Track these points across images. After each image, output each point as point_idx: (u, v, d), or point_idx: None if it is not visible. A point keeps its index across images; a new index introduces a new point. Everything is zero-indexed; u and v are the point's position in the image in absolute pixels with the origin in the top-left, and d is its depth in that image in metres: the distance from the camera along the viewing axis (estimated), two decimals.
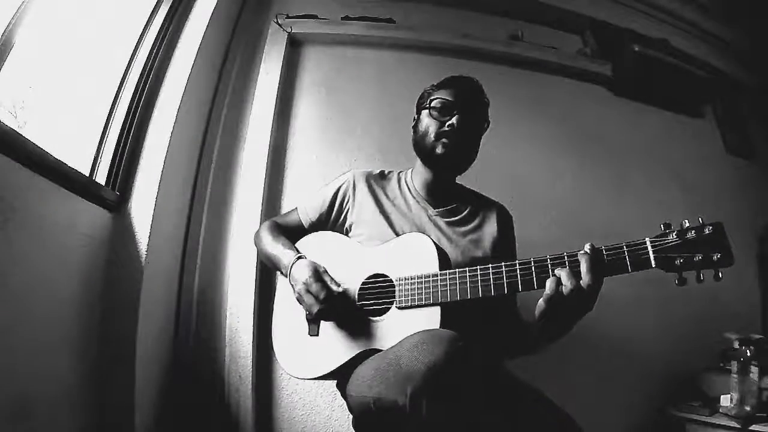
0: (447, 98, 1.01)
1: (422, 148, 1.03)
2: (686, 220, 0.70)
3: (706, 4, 2.19)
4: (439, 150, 1.00)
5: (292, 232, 1.09)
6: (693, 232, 0.69)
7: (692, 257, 0.68)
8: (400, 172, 1.15)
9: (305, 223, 1.10)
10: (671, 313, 1.62)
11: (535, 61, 1.86)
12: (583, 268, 0.72)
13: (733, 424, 1.26)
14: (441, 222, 1.04)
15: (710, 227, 0.68)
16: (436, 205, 1.06)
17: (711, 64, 2.14)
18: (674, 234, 0.70)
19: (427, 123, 1.02)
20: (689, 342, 1.62)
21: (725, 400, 1.33)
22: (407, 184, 1.11)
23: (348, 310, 0.91)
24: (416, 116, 1.10)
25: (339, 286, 0.90)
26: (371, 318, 0.89)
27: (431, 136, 1.00)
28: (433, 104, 1.02)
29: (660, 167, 1.90)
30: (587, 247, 0.73)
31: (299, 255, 0.96)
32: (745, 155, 2.15)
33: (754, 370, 1.27)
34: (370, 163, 1.56)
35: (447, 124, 0.99)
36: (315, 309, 0.87)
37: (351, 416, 0.88)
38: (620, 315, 1.52)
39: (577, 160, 1.78)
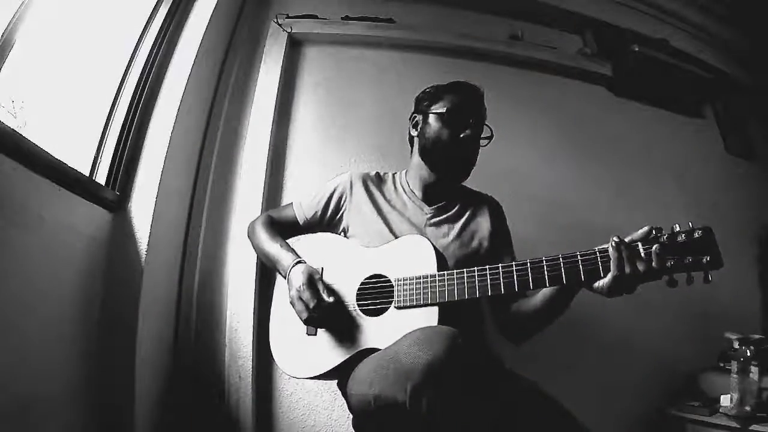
0: (459, 109, 1.02)
1: (432, 157, 1.04)
2: (677, 224, 0.73)
3: (706, 4, 2.19)
4: (453, 164, 1.03)
5: (286, 228, 1.10)
6: (683, 235, 0.71)
7: (682, 260, 0.70)
8: (395, 173, 1.16)
9: (300, 220, 1.10)
10: (671, 313, 1.62)
11: (535, 61, 1.86)
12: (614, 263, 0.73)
13: (733, 424, 1.26)
14: (437, 219, 1.05)
15: (699, 231, 0.70)
16: (430, 203, 1.07)
17: (711, 64, 2.14)
18: (665, 237, 0.72)
19: (438, 131, 1.02)
20: (689, 342, 1.62)
21: (725, 400, 1.33)
22: (402, 185, 1.11)
23: (339, 318, 0.91)
24: (418, 116, 1.10)
25: (332, 294, 0.89)
26: (369, 317, 0.89)
27: (444, 147, 1.01)
28: (447, 114, 1.02)
29: (660, 167, 1.90)
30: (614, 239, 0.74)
31: (297, 260, 0.96)
32: (745, 155, 2.15)
33: (754, 370, 1.27)
34: (369, 163, 1.57)
35: (462, 136, 1.00)
36: (304, 316, 0.88)
37: (351, 416, 0.88)
38: (620, 315, 1.52)
39: (577, 160, 1.78)
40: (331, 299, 0.89)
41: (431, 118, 1.04)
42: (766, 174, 2.15)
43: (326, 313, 0.89)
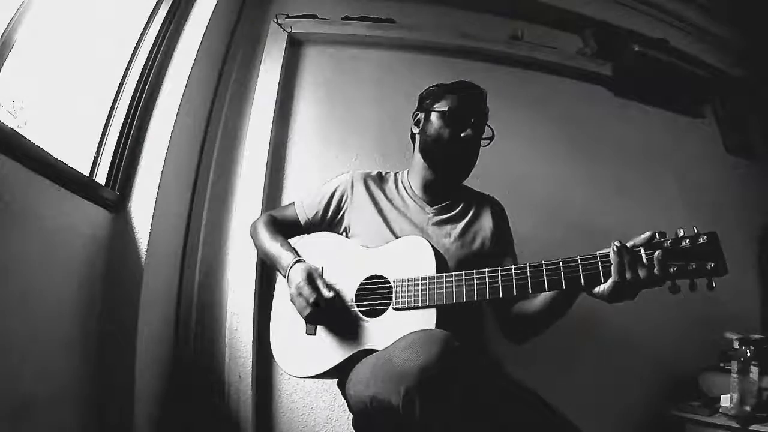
0: (461, 109, 1.03)
1: (432, 155, 1.05)
2: (681, 229, 0.70)
3: (706, 4, 2.19)
4: (452, 163, 1.03)
5: (288, 228, 1.10)
6: (687, 241, 0.69)
7: (686, 266, 0.68)
8: (397, 173, 1.16)
9: (302, 219, 1.11)
10: (671, 313, 1.61)
11: (535, 61, 1.85)
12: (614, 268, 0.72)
13: (733, 424, 1.26)
14: (438, 219, 1.05)
15: (704, 237, 0.68)
16: (432, 203, 1.07)
17: (711, 64, 2.13)
18: (668, 242, 0.70)
19: (439, 129, 1.03)
20: (689, 342, 1.62)
21: (725, 400, 1.33)
22: (404, 185, 1.12)
23: (340, 314, 0.91)
24: (421, 114, 1.10)
25: (331, 290, 0.89)
26: (368, 318, 0.89)
27: (444, 145, 1.02)
28: (448, 113, 1.02)
29: (660, 167, 1.90)
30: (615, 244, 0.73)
31: (297, 258, 0.96)
32: (745, 155, 2.15)
33: (754, 370, 1.27)
34: (370, 162, 1.57)
35: (462, 136, 1.00)
36: (305, 313, 0.88)
37: (351, 416, 0.89)
38: (620, 315, 1.51)
39: (577, 160, 1.78)
40: (331, 294, 0.88)
41: (433, 117, 1.05)
42: (766, 174, 2.15)
43: (326, 309, 0.88)
